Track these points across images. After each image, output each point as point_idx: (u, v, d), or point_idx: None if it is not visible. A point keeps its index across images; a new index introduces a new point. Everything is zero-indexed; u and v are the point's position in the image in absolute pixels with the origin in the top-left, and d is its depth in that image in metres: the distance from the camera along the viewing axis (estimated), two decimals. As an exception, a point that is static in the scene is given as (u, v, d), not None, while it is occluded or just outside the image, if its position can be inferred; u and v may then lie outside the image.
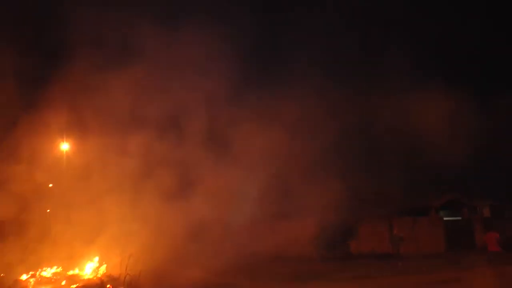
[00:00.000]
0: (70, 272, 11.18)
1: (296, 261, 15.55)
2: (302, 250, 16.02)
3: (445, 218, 21.61)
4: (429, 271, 13.03)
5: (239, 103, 13.11)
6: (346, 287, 11.38)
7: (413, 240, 18.60)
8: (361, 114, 14.32)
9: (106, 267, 11.13)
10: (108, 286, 9.86)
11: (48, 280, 10.54)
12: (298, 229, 16.51)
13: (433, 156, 16.13)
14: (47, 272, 11.17)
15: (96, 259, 11.37)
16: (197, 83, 12.88)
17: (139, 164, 11.67)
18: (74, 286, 9.86)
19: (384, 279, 12.14)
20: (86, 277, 10.91)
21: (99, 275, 10.86)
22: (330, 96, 13.77)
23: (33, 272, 10.92)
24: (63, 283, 10.30)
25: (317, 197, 15.55)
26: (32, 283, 10.21)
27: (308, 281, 12.20)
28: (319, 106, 13.53)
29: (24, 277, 10.58)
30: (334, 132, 14.36)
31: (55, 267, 11.43)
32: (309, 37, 17.06)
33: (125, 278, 9.80)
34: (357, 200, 16.28)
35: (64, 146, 15.25)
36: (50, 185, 12.97)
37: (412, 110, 14.77)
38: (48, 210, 12.38)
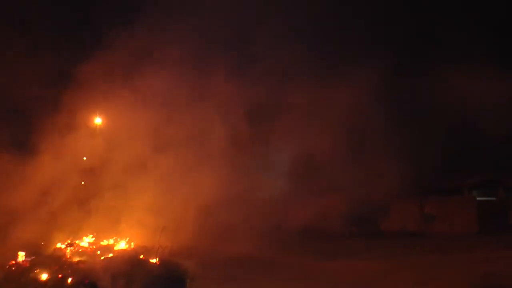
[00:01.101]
0: (105, 243, 11.50)
1: (326, 237, 15.58)
2: (331, 226, 16.00)
3: (478, 198, 21.16)
4: (460, 251, 12.85)
5: (280, 77, 12.95)
6: (376, 265, 11.32)
7: (444, 220, 18.35)
8: (397, 90, 14.01)
9: (139, 238, 11.38)
10: (141, 256, 10.06)
11: (84, 249, 10.87)
12: (328, 205, 16.51)
13: (469, 135, 15.80)
14: (83, 242, 11.53)
15: (129, 231, 11.64)
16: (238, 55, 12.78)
17: (173, 136, 11.72)
18: (109, 255, 10.09)
19: (414, 258, 12.03)
20: (119, 247, 11.20)
21: (132, 246, 11.13)
22: (370, 72, 13.48)
23: (70, 241, 11.29)
24: (98, 252, 10.59)
25: (348, 173, 15.46)
26: (69, 251, 10.54)
27: (338, 258, 12.23)
28: (357, 82, 13.28)
29: (61, 245, 10.94)
30: (368, 109, 14.16)
31: (90, 237, 11.78)
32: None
33: (157, 250, 9.95)
34: (389, 177, 16.06)
35: (98, 120, 15.52)
36: (84, 158, 13.23)
37: (448, 86, 14.39)
38: (83, 183, 12.68)
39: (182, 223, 10.95)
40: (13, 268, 7.67)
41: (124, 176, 11.47)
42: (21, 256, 9.28)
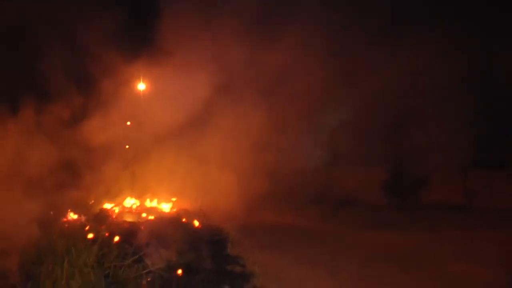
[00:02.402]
0: (149, 205, 11.86)
1: (366, 208, 15.54)
2: (371, 197, 15.95)
3: (524, 173, 20.48)
4: (503, 227, 12.57)
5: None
6: (415, 237, 11.27)
7: (488, 194, 17.91)
8: (445, 58, 13.52)
9: (182, 202, 11.67)
10: (183, 219, 10.33)
11: (129, 211, 11.26)
12: (369, 175, 16.40)
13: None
14: (128, 203, 11.93)
15: (172, 194, 11.94)
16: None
17: (214, 104, 11.81)
18: (152, 217, 10.41)
19: (454, 232, 11.88)
20: (163, 210, 11.54)
21: (175, 209, 11.44)
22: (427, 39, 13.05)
23: (116, 202, 11.71)
24: (143, 214, 10.95)
25: (389, 144, 15.26)
26: (116, 212, 10.95)
27: (376, 229, 12.21)
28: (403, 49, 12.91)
29: (108, 206, 11.37)
30: (411, 77, 13.80)
31: (135, 199, 12.17)
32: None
33: (199, 213, 10.20)
34: (432, 148, 15.75)
35: (141, 86, 15.77)
36: (128, 123, 13.54)
37: (498, 52, 13.79)
38: (127, 147, 13.02)
39: (223, 189, 11.15)
40: (66, 226, 8.04)
41: (168, 141, 11.70)
42: (72, 214, 9.75)
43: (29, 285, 5.84)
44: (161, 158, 11.86)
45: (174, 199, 11.91)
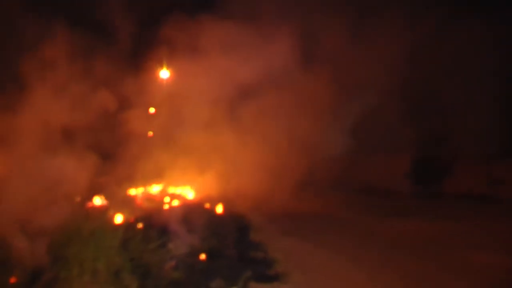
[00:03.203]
0: (173, 191, 12.01)
1: (388, 195, 15.47)
2: (394, 185, 15.85)
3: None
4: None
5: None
6: (436, 226, 11.16)
7: (513, 184, 17.59)
8: (469, 43, 13.23)
9: (206, 189, 11.78)
10: (207, 205, 10.44)
11: (153, 197, 11.43)
12: (392, 163, 16.28)
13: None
14: (153, 190, 12.11)
15: (196, 180, 12.05)
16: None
17: (241, 89, 11.80)
18: (176, 203, 10.54)
19: (477, 222, 11.72)
20: (187, 196, 11.68)
21: (198, 196, 11.56)
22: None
23: (140, 188, 11.89)
24: (166, 200, 11.10)
25: (413, 131, 15.09)
26: (140, 197, 11.13)
27: (398, 217, 12.15)
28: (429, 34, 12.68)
29: (133, 191, 11.55)
30: (437, 63, 13.57)
31: (159, 185, 12.34)
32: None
33: (222, 199, 10.28)
34: (456, 136, 15.54)
35: (164, 73, 15.85)
36: (152, 110, 13.65)
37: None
38: (151, 133, 13.14)
39: (247, 176, 11.20)
40: (91, 210, 8.21)
41: (193, 127, 11.76)
42: (98, 199, 9.92)
43: (57, 267, 5.98)
44: (185, 145, 11.95)
45: (198, 186, 12.05)
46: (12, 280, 5.59)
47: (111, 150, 10.90)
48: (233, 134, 11.63)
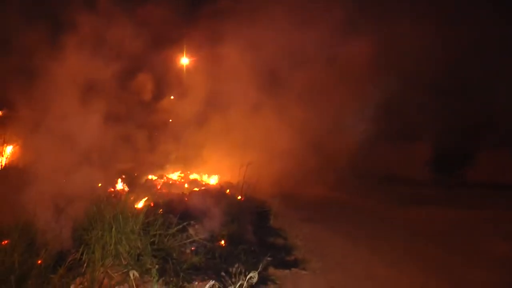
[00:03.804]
0: (192, 177, 12.11)
1: (409, 184, 15.30)
2: (415, 173, 15.67)
3: None
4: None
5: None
6: (458, 214, 11.02)
7: (538, 174, 17.25)
8: (495, 29, 12.94)
9: (225, 174, 11.85)
10: (227, 191, 10.50)
11: (173, 182, 11.55)
12: (413, 150, 16.09)
13: None
14: (173, 175, 12.23)
15: (216, 167, 12.14)
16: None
17: (260, 75, 11.79)
18: (196, 189, 10.62)
19: (499, 211, 11.52)
20: (206, 182, 11.77)
21: (218, 182, 11.64)
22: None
23: (160, 174, 12.02)
24: (186, 186, 11.21)
25: (435, 118, 14.88)
26: (160, 183, 11.25)
27: (418, 205, 12.02)
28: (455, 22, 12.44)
29: (153, 177, 11.68)
30: (460, 51, 13.32)
31: (179, 171, 12.46)
32: None
33: (242, 185, 10.32)
34: (479, 124, 15.29)
35: (184, 60, 15.92)
36: (172, 97, 13.74)
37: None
38: (170, 120, 13.24)
39: (267, 163, 11.22)
40: (113, 195, 8.33)
41: (212, 113, 11.82)
42: (118, 184, 10.08)
43: (81, 250, 6.11)
44: (206, 131, 12.02)
45: (218, 172, 12.13)
46: (39, 261, 5.73)
47: (135, 136, 11.04)
48: (255, 120, 11.65)
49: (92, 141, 7.62)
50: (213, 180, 11.88)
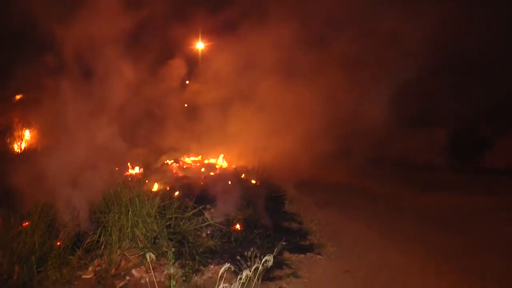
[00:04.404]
0: (208, 161, 12.16)
1: (425, 170, 15.19)
2: (431, 159, 15.54)
3: None
4: None
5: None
6: (474, 201, 10.90)
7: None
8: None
9: (241, 159, 11.88)
10: (242, 175, 10.52)
11: (188, 166, 11.61)
12: (430, 136, 15.95)
13: None
14: (188, 160, 12.28)
15: (231, 151, 12.17)
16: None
17: (275, 63, 11.73)
18: (212, 173, 10.67)
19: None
20: (222, 167, 11.80)
21: (234, 166, 11.67)
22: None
23: (176, 158, 12.08)
24: (202, 170, 11.25)
25: (451, 104, 14.71)
26: (176, 167, 11.31)
27: (435, 191, 11.93)
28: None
29: (168, 162, 11.74)
30: (478, 37, 13.10)
31: (194, 156, 12.50)
32: None
33: (257, 170, 10.35)
34: (496, 110, 15.09)
35: (200, 45, 15.88)
36: (187, 82, 13.73)
37: None
38: (186, 105, 13.25)
39: (283, 148, 11.21)
40: (129, 179, 8.40)
41: (228, 99, 11.80)
42: (135, 168, 10.17)
43: (98, 232, 6.20)
44: (222, 116, 12.01)
45: (233, 157, 12.15)
46: (58, 243, 5.83)
47: (152, 121, 11.08)
48: (270, 104, 11.62)
49: (111, 126, 7.66)
50: (228, 165, 11.91)
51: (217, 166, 11.63)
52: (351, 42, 12.17)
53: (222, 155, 12.13)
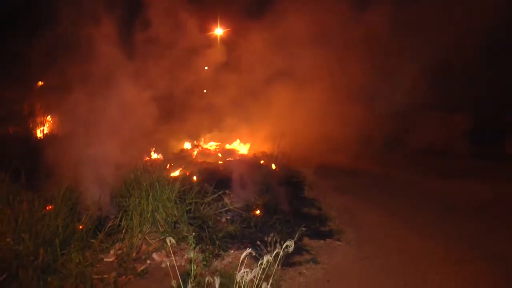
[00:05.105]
0: (228, 147, 12.18)
1: (446, 156, 14.96)
2: (452, 146, 15.27)
3: None
4: None
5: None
6: (496, 188, 10.73)
7: None
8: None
9: (260, 145, 11.87)
10: (261, 161, 10.52)
11: (208, 152, 11.65)
12: (451, 121, 15.69)
13: None
14: (208, 145, 12.32)
15: (251, 137, 12.17)
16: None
17: (298, 51, 11.64)
18: (231, 159, 10.69)
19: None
20: (241, 152, 11.82)
21: (253, 152, 11.66)
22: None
23: (196, 143, 12.13)
24: (220, 155, 11.29)
25: (473, 90, 14.44)
26: (195, 152, 11.36)
27: (456, 178, 11.75)
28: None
29: (188, 147, 11.81)
30: (500, 19, 12.76)
31: (214, 141, 12.54)
32: None
33: (276, 156, 10.33)
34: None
35: (218, 31, 15.77)
36: (206, 67, 13.69)
37: None
38: (205, 91, 13.25)
39: (303, 134, 11.17)
40: (149, 164, 8.46)
41: (248, 86, 11.76)
42: (155, 153, 10.24)
43: (119, 216, 6.29)
44: (241, 102, 11.99)
45: (252, 142, 12.16)
46: (80, 227, 5.92)
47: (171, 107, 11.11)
48: (290, 90, 11.56)
49: (133, 111, 7.72)
50: (248, 150, 11.92)
51: (236, 152, 11.65)
52: (371, 25, 12.02)
53: (238, 140, 12.14)
